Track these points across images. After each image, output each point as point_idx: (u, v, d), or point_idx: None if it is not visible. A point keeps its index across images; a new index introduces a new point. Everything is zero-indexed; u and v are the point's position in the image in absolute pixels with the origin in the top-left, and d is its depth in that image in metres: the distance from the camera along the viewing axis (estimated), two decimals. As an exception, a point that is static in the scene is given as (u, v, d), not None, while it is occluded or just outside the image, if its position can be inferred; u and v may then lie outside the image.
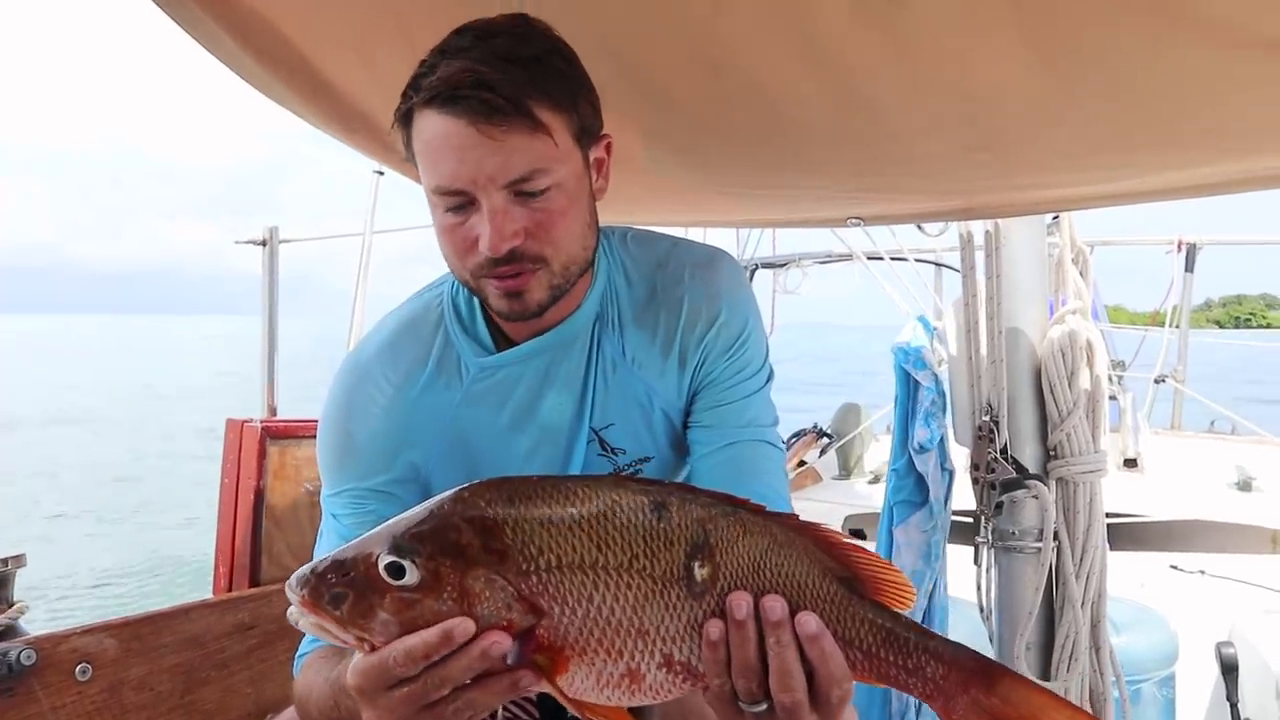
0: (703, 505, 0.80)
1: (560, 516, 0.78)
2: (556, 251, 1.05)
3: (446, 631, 0.73)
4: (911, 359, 2.16)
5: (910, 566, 2.13)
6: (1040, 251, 1.84)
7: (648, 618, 0.77)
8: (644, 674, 0.78)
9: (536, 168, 1.00)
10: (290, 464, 2.22)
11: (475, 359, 1.17)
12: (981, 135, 1.33)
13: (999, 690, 0.79)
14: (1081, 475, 1.73)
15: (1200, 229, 7.80)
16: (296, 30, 1.23)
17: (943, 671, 0.79)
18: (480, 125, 0.97)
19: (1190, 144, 1.31)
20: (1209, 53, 1.00)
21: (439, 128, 0.98)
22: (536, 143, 0.99)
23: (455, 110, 0.97)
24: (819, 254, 6.15)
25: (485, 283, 1.05)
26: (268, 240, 3.12)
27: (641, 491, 0.80)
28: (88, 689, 1.64)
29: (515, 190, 1.00)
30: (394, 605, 0.75)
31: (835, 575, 0.81)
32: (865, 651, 0.80)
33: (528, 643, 0.76)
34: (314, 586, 0.76)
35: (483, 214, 1.00)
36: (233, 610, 1.92)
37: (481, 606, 0.75)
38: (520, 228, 1.01)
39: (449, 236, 1.04)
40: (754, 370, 1.22)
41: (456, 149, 0.98)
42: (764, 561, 0.80)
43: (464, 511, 0.78)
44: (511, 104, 0.97)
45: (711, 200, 1.97)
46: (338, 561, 0.77)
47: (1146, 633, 2.24)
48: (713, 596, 0.78)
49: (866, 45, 1.10)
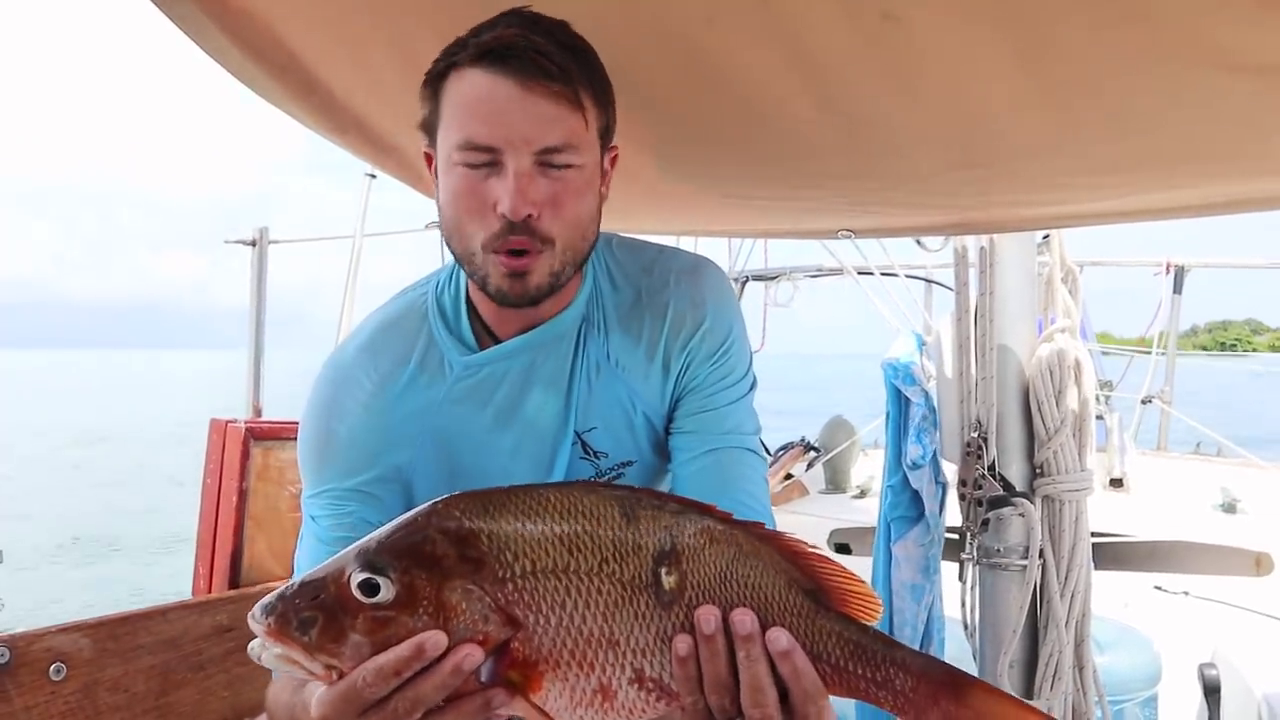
0: (671, 512, 0.80)
1: (533, 522, 0.77)
2: (565, 232, 1.04)
3: (418, 645, 0.72)
4: (901, 375, 2.16)
5: (910, 581, 2.12)
6: (1030, 270, 1.84)
7: (617, 626, 0.77)
8: (615, 690, 0.77)
9: (569, 142, 1.01)
10: (274, 465, 2.21)
11: (459, 357, 1.16)
12: (973, 152, 1.34)
13: (970, 701, 0.78)
14: (1068, 493, 1.73)
15: (1188, 252, 7.88)
16: (288, 28, 1.22)
17: (912, 684, 0.79)
18: (530, 84, 0.98)
19: (1180, 166, 1.32)
20: (1200, 76, 1.00)
21: (482, 84, 0.99)
22: (573, 119, 1.01)
23: (505, 68, 0.98)
24: (810, 268, 6.17)
25: (490, 259, 1.04)
26: (257, 241, 3.12)
27: (612, 496, 0.80)
28: (62, 689, 1.62)
29: (543, 159, 1.00)
30: (367, 625, 0.73)
31: (801, 587, 0.81)
32: (833, 665, 0.79)
33: (501, 659, 0.75)
34: (281, 612, 0.73)
35: (506, 177, 0.99)
36: (211, 612, 1.90)
37: (457, 620, 0.74)
38: (540, 197, 1.01)
39: (464, 198, 1.02)
40: (737, 378, 1.22)
41: (497, 106, 0.98)
42: (730, 571, 0.79)
43: (439, 523, 0.77)
44: (563, 72, 0.99)
45: (701, 209, 1.97)
46: (306, 584, 0.75)
47: (1130, 653, 2.25)
48: (680, 607, 0.78)
49: (859, 60, 1.10)
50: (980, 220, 1.72)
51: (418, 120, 1.10)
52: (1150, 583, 3.25)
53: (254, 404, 2.98)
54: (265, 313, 3.16)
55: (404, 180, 1.74)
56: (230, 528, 2.13)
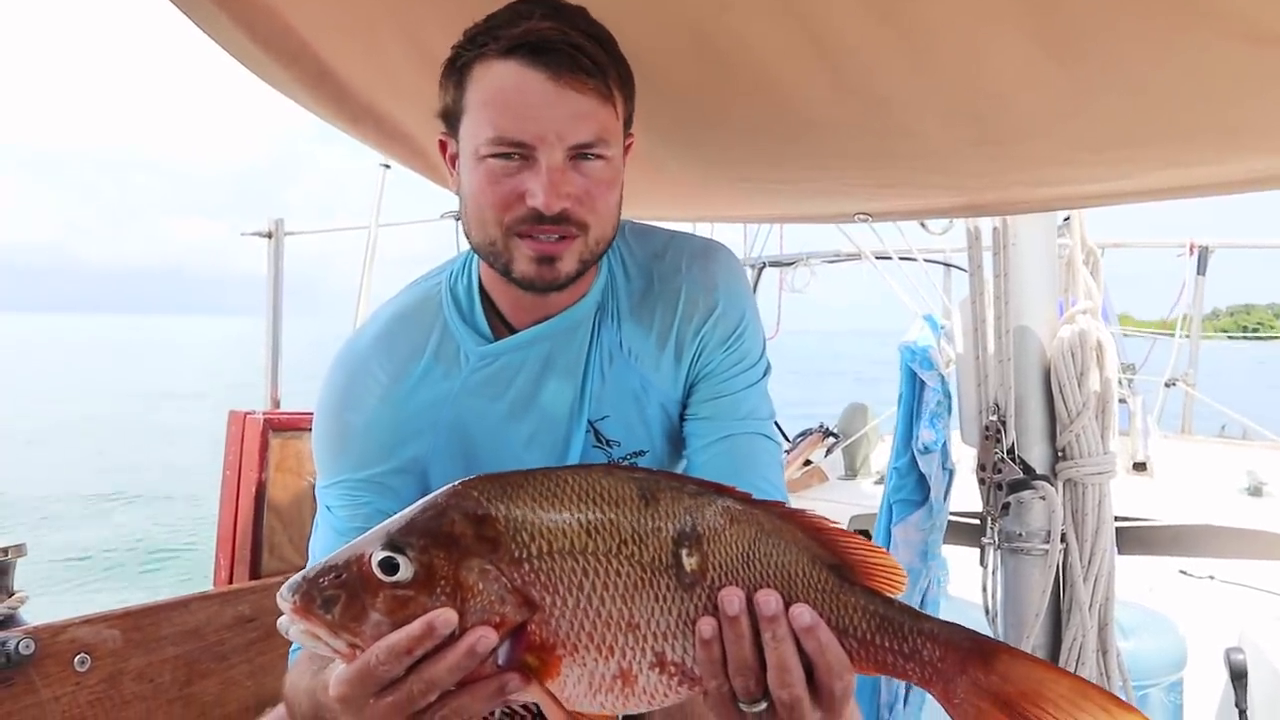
0: (690, 494, 0.80)
1: (551, 503, 0.78)
2: (597, 221, 1.05)
3: (429, 623, 0.72)
4: (918, 358, 2.15)
5: (906, 564, 2.11)
6: (1051, 251, 1.82)
7: (638, 609, 0.77)
8: (636, 675, 0.77)
9: (601, 136, 1.01)
10: (292, 456, 2.22)
11: (475, 347, 1.16)
12: (991, 130, 1.32)
13: (997, 668, 0.78)
14: (1090, 477, 1.71)
15: (1212, 233, 7.77)
16: (300, 18, 1.22)
17: (939, 654, 0.78)
18: (565, 79, 0.98)
19: (1201, 141, 1.29)
20: (1221, 48, 0.98)
21: (515, 77, 0.98)
22: (604, 112, 1.02)
23: (539, 62, 0.97)
24: (827, 253, 6.13)
25: (518, 243, 1.04)
26: (273, 233, 3.12)
27: (630, 479, 0.80)
28: (87, 679, 1.64)
29: (575, 153, 1.01)
30: (387, 604, 0.74)
31: (825, 563, 0.80)
32: (860, 639, 0.79)
33: (518, 643, 0.75)
34: (305, 591, 0.75)
35: (538, 170, 0.99)
36: (233, 602, 1.91)
37: (475, 600, 0.75)
38: (573, 190, 1.01)
39: (492, 188, 1.02)
40: (751, 362, 1.22)
41: (531, 101, 0.98)
42: (753, 550, 0.79)
43: (458, 504, 0.78)
44: (598, 67, 0.99)
45: (717, 194, 1.96)
46: (330, 565, 0.77)
47: (1155, 637, 2.22)
48: (703, 589, 0.78)
49: (875, 39, 1.09)
50: (998, 201, 1.69)
51: (435, 108, 1.09)
52: (1175, 567, 3.22)
53: (272, 395, 2.99)
54: (283, 304, 3.18)
55: (416, 169, 1.74)
56: (250, 519, 2.15)
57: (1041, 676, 0.78)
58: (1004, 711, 0.77)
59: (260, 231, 3.14)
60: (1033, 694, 0.77)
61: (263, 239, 3.13)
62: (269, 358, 3.04)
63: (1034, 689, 0.77)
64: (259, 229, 3.13)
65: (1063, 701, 0.76)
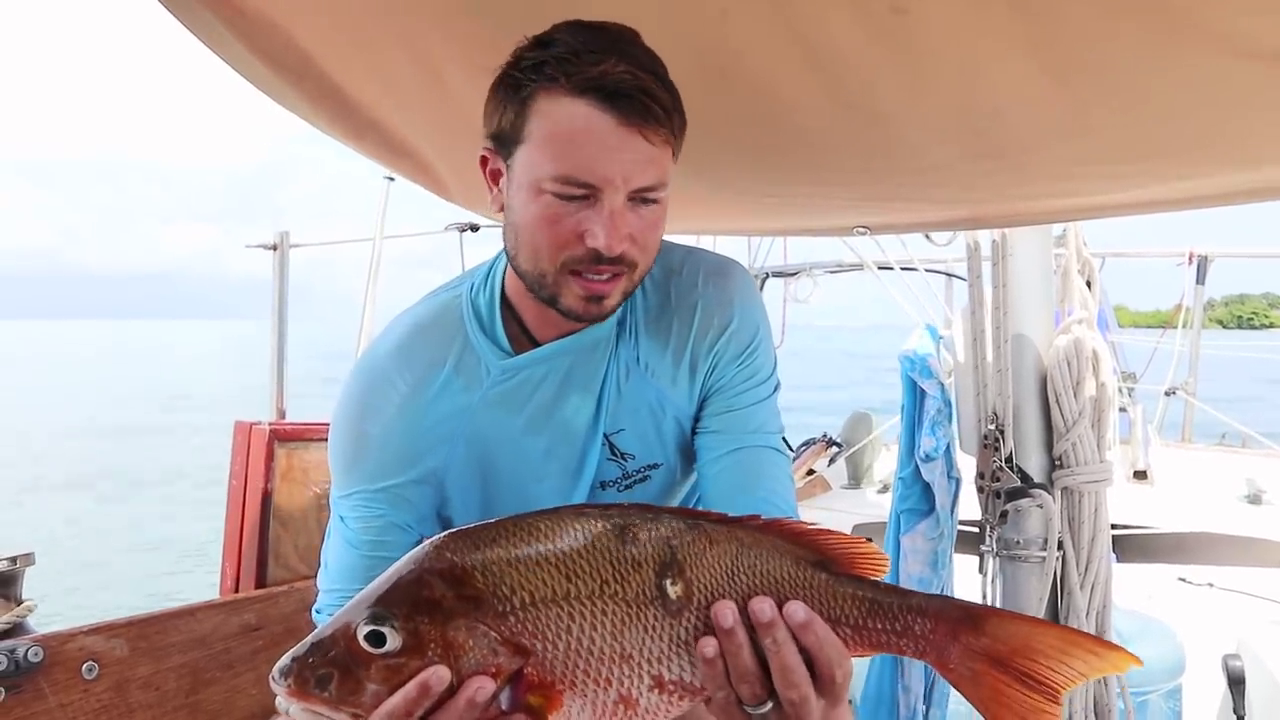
0: (665, 524, 0.81)
1: (526, 554, 0.78)
2: (644, 258, 1.07)
3: (423, 683, 0.73)
4: (918, 367, 2.16)
5: (918, 574, 2.13)
6: (1047, 263, 1.84)
7: (628, 641, 0.78)
8: (637, 699, 0.79)
9: (661, 180, 1.03)
10: (298, 467, 2.23)
11: (497, 361, 1.17)
12: (989, 144, 1.33)
13: (987, 630, 0.81)
14: (1087, 485, 1.72)
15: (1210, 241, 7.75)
16: (305, 35, 1.24)
17: (930, 625, 0.81)
18: (638, 128, 0.98)
19: (1198, 154, 1.31)
20: (1218, 63, 1.00)
21: (586, 119, 0.98)
22: (664, 157, 1.03)
23: (613, 106, 0.98)
24: (829, 263, 6.14)
25: (569, 280, 1.05)
26: (279, 245, 3.14)
27: (602, 517, 0.81)
28: (94, 687, 1.65)
29: (636, 196, 1.02)
30: (381, 674, 0.75)
31: (808, 561, 0.82)
32: (854, 625, 0.81)
33: (519, 685, 0.76)
34: (297, 674, 0.75)
35: (600, 211, 1.00)
36: (239, 611, 1.93)
37: (468, 657, 0.75)
38: (631, 233, 1.02)
39: (551, 226, 1.02)
40: (763, 378, 1.23)
41: (603, 144, 0.98)
42: (736, 566, 0.81)
43: (431, 566, 0.78)
44: (669, 116, 1.00)
45: (717, 208, 1.97)
46: (316, 644, 0.77)
47: (1153, 644, 2.23)
48: (690, 612, 0.79)
49: (874, 54, 1.11)
50: (996, 214, 1.71)
51: (440, 123, 1.09)
52: (1174, 574, 3.22)
53: (278, 406, 3.01)
54: (288, 314, 3.19)
55: (421, 183, 1.75)
56: (256, 529, 2.16)
57: (1030, 631, 0.81)
58: (999, 670, 0.80)
59: (265, 244, 3.15)
60: (1024, 649, 0.80)
61: (268, 251, 3.15)
62: (274, 370, 3.06)
63: (1024, 644, 0.80)
64: (263, 240, 3.15)
65: (1053, 651, 0.80)
